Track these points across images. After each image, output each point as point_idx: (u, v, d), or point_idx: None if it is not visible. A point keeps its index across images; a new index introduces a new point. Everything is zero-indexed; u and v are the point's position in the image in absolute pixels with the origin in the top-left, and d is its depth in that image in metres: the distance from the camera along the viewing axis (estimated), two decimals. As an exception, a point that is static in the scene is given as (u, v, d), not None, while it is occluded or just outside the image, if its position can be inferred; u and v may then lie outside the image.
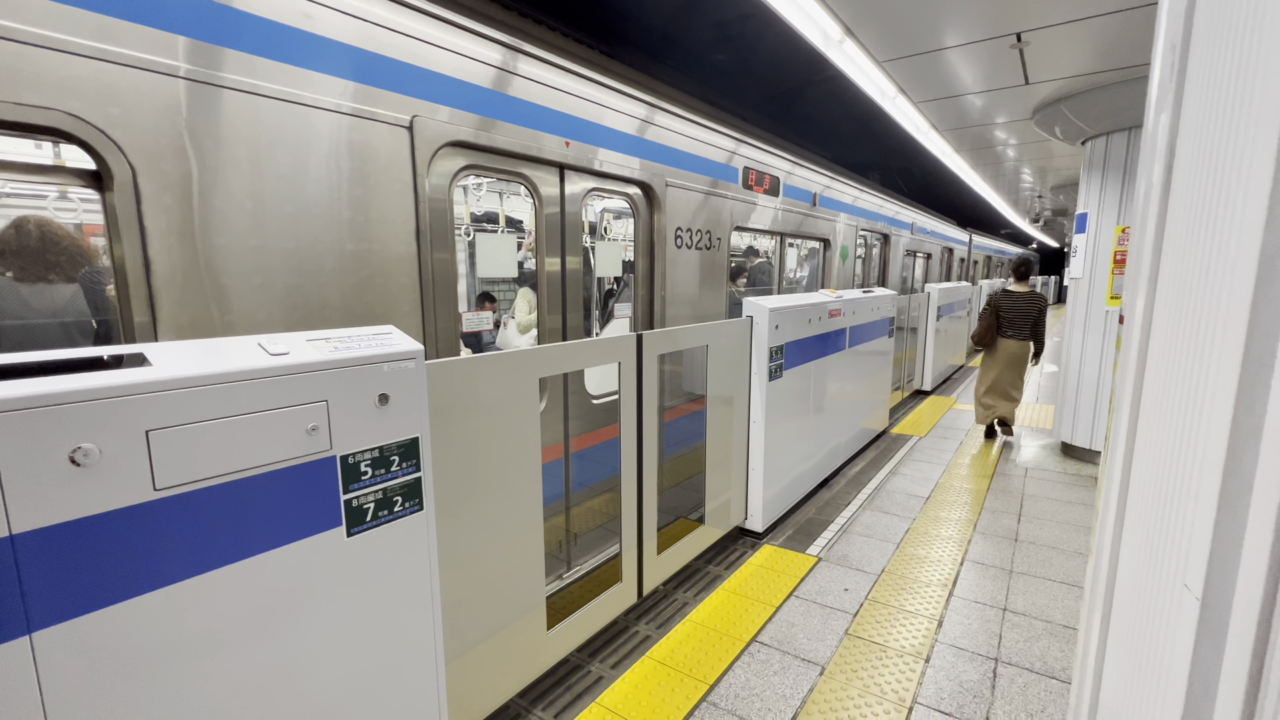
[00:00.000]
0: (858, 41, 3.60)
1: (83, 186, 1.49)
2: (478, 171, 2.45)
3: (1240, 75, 0.52)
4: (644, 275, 3.33)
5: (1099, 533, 0.79)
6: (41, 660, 1.04)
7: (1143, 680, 0.61)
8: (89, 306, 1.83)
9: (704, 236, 3.63)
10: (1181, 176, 0.65)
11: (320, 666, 1.42)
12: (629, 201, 3.22)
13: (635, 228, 3.30)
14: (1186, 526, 0.53)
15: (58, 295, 1.79)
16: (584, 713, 2.16)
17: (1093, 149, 4.88)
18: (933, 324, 7.76)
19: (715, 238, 3.74)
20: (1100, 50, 3.69)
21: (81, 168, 1.47)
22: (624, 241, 3.75)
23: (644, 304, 3.36)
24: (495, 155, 2.43)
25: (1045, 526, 3.76)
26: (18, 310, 1.73)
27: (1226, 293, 0.50)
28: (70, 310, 1.81)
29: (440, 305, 2.25)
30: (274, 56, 1.71)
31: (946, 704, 2.22)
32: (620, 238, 4.28)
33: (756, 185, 4.13)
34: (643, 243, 3.30)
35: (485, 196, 5.80)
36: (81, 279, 1.85)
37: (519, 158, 2.51)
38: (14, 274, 1.75)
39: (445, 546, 1.80)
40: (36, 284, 1.76)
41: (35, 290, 1.76)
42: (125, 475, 1.10)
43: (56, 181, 1.60)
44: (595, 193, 2.99)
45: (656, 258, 3.29)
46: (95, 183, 1.49)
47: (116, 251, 1.52)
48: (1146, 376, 0.66)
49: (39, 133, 1.39)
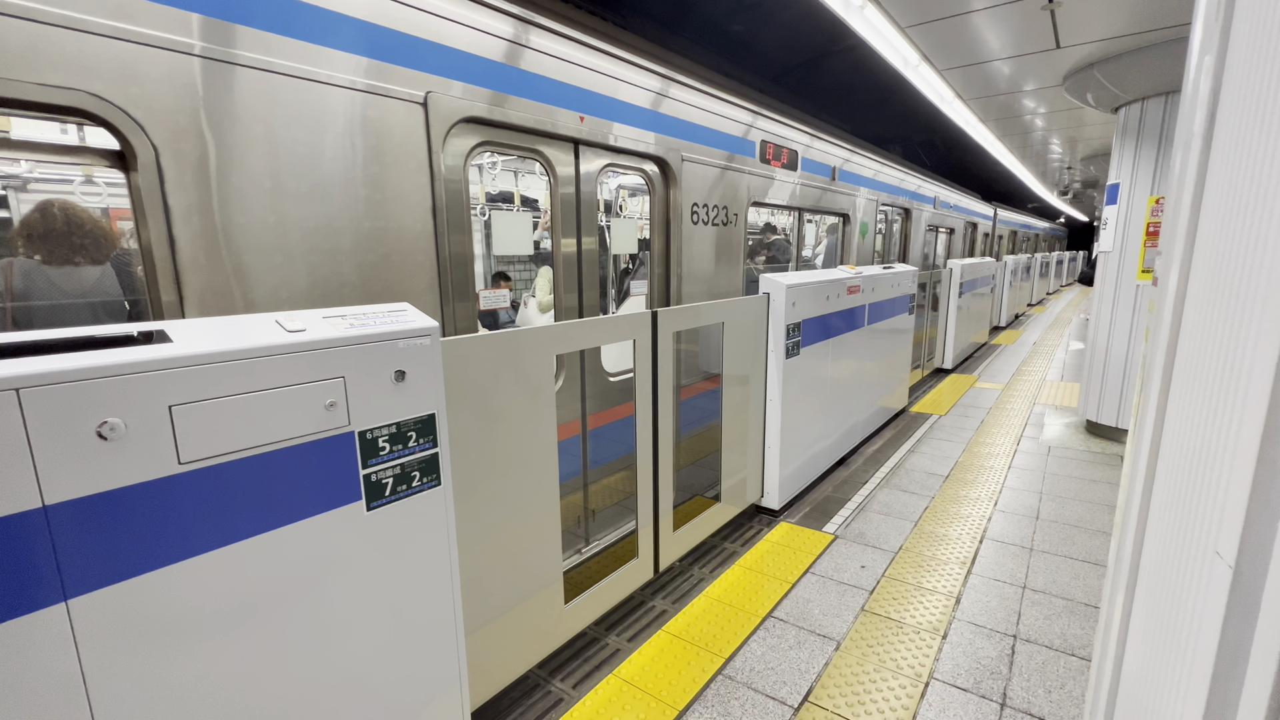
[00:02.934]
0: (880, 6, 3.48)
1: (108, 167, 1.51)
2: (492, 148, 2.43)
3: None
4: (660, 253, 3.31)
5: (1125, 503, 0.76)
6: (78, 626, 1.08)
7: (1167, 652, 0.60)
8: (120, 287, 1.87)
9: (720, 212, 3.60)
10: (1224, 135, 0.61)
11: (344, 636, 1.46)
12: (644, 177, 3.18)
13: (650, 204, 3.26)
14: (1220, 491, 0.51)
15: (85, 277, 1.83)
16: (602, 683, 2.21)
17: (1126, 115, 4.68)
18: (955, 301, 7.60)
19: (732, 213, 3.70)
20: (1137, 10, 3.51)
21: (107, 149, 1.49)
22: (639, 219, 3.73)
23: (660, 281, 3.35)
24: (510, 131, 2.41)
25: (1068, 505, 3.71)
26: (47, 292, 1.78)
27: (1272, 248, 0.47)
28: (97, 291, 1.84)
29: (457, 283, 2.27)
30: (288, 33, 1.71)
31: (963, 679, 2.21)
32: (636, 215, 4.25)
33: (774, 159, 4.07)
34: (658, 219, 3.27)
35: (500, 176, 5.79)
36: (114, 260, 1.90)
37: (534, 133, 2.48)
38: (42, 257, 1.79)
39: (464, 522, 1.83)
40: (64, 266, 1.80)
41: (63, 273, 1.80)
42: (150, 449, 1.13)
43: (82, 162, 1.58)
44: (610, 169, 2.95)
45: (673, 235, 3.26)
46: (120, 163, 1.51)
47: (142, 231, 1.54)
48: (1180, 340, 0.63)
49: (63, 113, 1.40)
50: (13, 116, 1.45)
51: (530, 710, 2.17)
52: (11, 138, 1.63)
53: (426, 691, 1.67)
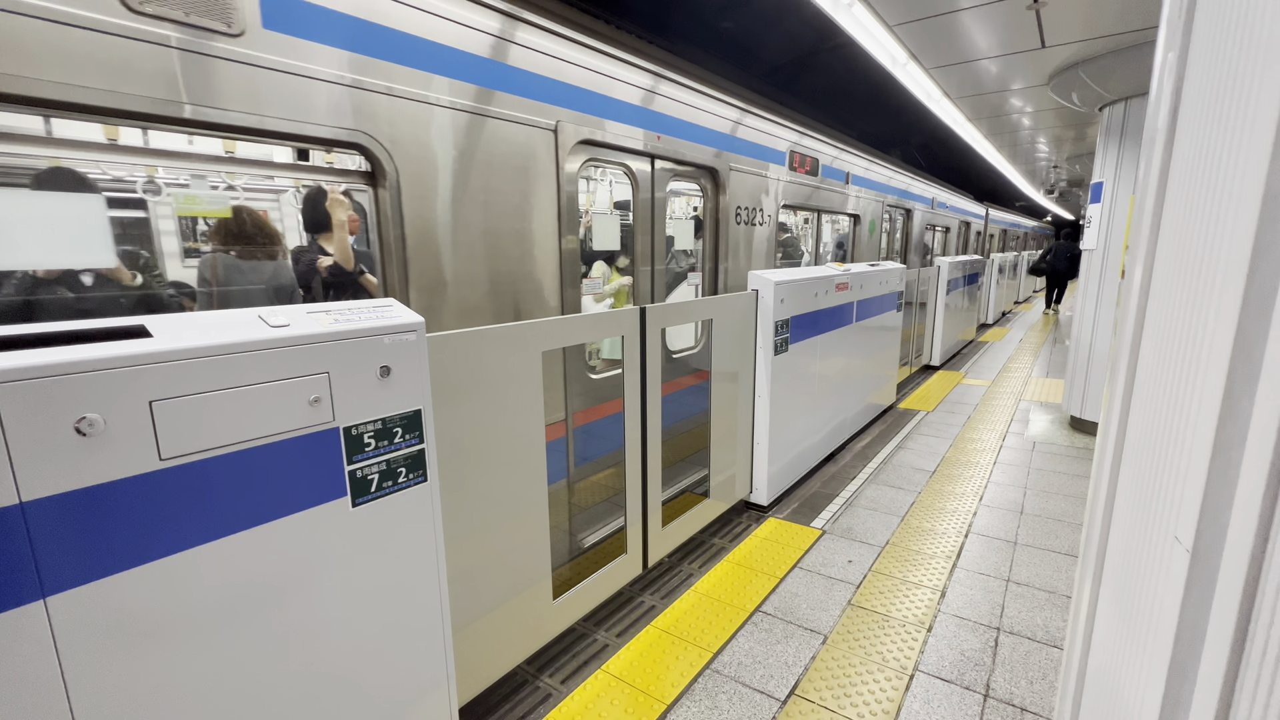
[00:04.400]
0: (867, 4, 3.50)
1: (361, 184, 2.02)
2: (595, 163, 2.93)
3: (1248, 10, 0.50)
4: (710, 248, 3.78)
5: (1093, 493, 0.78)
6: (57, 624, 1.07)
7: (1131, 636, 0.61)
8: (296, 278, 2.40)
9: (758, 214, 4.10)
10: (1185, 131, 0.62)
11: (329, 633, 1.46)
12: (700, 185, 3.68)
13: (704, 207, 3.77)
14: (1179, 478, 0.52)
15: (263, 269, 2.34)
16: (590, 679, 2.21)
17: (1110, 115, 4.74)
18: (943, 298, 7.67)
19: (766, 214, 4.21)
20: (1121, 10, 3.56)
21: (361, 170, 1.99)
22: (684, 218, 4.30)
23: (709, 275, 3.80)
24: (608, 149, 2.90)
25: (1051, 499, 3.76)
26: (237, 279, 2.29)
27: (1228, 237, 0.48)
28: (274, 280, 2.34)
29: (570, 273, 2.71)
30: (485, 84, 2.24)
31: (948, 671, 2.24)
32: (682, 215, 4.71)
33: (800, 167, 4.64)
34: (709, 220, 3.74)
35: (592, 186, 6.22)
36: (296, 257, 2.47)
37: (625, 150, 2.98)
38: (237, 252, 2.27)
39: (451, 518, 1.83)
40: (251, 260, 2.31)
41: (251, 265, 2.31)
42: (130, 445, 1.12)
43: (339, 180, 2.24)
44: (675, 177, 3.45)
45: (721, 233, 3.74)
46: (369, 181, 2.00)
47: (384, 231, 2.01)
48: (1145, 329, 0.64)
49: (342, 147, 1.90)
50: (310, 149, 1.99)
51: (519, 706, 2.18)
52: (278, 160, 2.17)
53: (413, 688, 1.67)
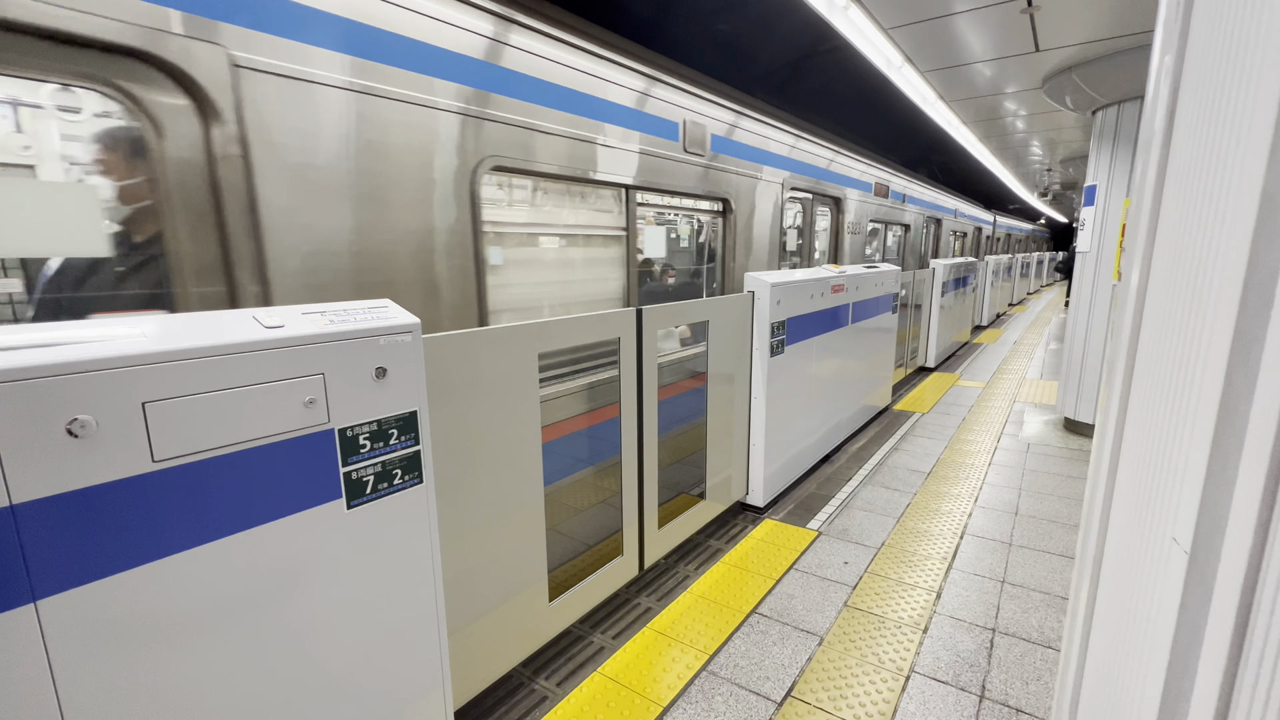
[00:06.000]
0: (862, 6, 3.51)
1: (714, 216, 3.15)
2: (793, 196, 4.64)
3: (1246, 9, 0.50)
4: (832, 248, 5.96)
5: (1090, 495, 0.78)
6: (48, 627, 1.06)
7: (1128, 638, 0.61)
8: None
9: (858, 226, 6.18)
10: (1182, 133, 0.63)
11: (324, 636, 1.45)
12: (829, 208, 5.80)
13: (830, 223, 5.86)
14: (1177, 480, 0.53)
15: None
16: (586, 681, 2.21)
17: (1103, 119, 4.77)
18: (938, 300, 7.69)
19: (861, 227, 6.31)
20: (1114, 15, 3.58)
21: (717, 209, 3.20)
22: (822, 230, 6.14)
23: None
24: (797, 190, 4.67)
25: (1046, 501, 3.77)
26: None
27: (1225, 238, 0.48)
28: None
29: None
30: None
31: (943, 673, 2.25)
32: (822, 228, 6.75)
33: (879, 193, 6.79)
34: (832, 230, 5.91)
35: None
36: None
37: (796, 189, 4.72)
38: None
39: (447, 520, 1.82)
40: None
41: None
42: (123, 447, 1.11)
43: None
44: (821, 201, 5.54)
45: (840, 243, 5.85)
46: (722, 215, 3.03)
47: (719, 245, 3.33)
48: (1143, 330, 0.65)
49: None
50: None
51: (514, 709, 2.17)
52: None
53: (408, 692, 1.66)
